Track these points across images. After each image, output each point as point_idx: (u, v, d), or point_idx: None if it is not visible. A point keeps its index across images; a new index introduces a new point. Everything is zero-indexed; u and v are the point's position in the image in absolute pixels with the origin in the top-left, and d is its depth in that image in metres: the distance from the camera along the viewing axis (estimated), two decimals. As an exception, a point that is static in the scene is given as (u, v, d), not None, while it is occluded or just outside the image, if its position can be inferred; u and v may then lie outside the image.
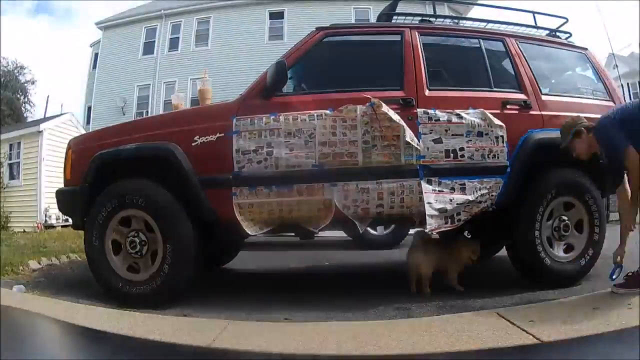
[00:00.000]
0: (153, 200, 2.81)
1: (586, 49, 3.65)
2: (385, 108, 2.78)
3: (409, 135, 2.80)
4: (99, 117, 17.15)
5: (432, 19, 3.50)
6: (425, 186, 2.83)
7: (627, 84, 18.92)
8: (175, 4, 17.94)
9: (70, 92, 42.47)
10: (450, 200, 2.85)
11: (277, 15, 17.33)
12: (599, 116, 3.25)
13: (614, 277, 2.61)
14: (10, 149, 11.56)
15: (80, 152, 3.14)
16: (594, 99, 3.41)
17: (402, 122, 2.81)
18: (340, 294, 3.12)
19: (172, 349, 2.05)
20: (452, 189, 2.87)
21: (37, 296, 3.00)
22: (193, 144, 2.84)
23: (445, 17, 3.84)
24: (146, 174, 2.88)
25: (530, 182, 2.99)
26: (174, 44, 17.88)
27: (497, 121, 2.95)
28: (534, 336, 1.95)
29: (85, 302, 2.84)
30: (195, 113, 3.35)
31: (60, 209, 3.32)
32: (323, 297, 2.94)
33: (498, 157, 2.94)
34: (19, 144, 11.48)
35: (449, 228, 2.91)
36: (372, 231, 5.57)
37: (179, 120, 3.06)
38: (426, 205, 2.80)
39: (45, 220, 10.57)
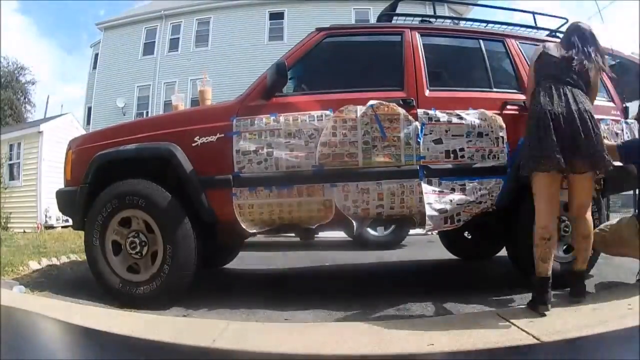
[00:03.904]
0: (153, 200, 2.81)
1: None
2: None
3: None
4: (99, 118, 17.19)
5: (432, 20, 3.50)
6: (425, 187, 2.83)
7: (627, 84, 18.88)
8: (175, 5, 17.96)
9: (71, 92, 42.44)
10: (451, 200, 2.85)
11: (277, 16, 17.36)
12: (599, 116, 3.26)
13: None
14: (11, 150, 11.58)
15: (80, 153, 3.14)
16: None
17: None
18: (340, 294, 3.12)
19: (172, 350, 2.05)
20: (453, 190, 2.87)
21: (37, 296, 3.00)
22: (193, 145, 2.85)
23: (445, 17, 3.84)
24: (146, 175, 2.88)
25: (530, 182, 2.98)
26: (174, 44, 17.91)
27: (497, 122, 2.95)
28: (534, 336, 1.95)
29: (85, 302, 2.84)
30: (196, 113, 3.35)
31: (60, 209, 3.32)
32: (323, 297, 2.94)
33: (498, 158, 2.94)
34: (19, 144, 11.50)
35: (449, 228, 2.91)
36: (372, 231, 5.57)
37: (179, 121, 3.06)
38: (426, 206, 2.80)
39: (46, 221, 10.58)
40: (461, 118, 2.91)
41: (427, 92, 2.98)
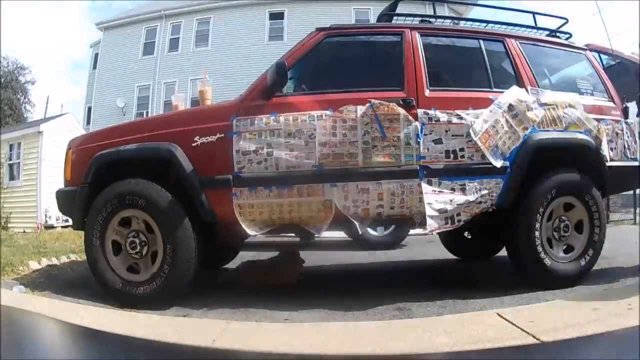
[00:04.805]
0: (153, 200, 2.81)
1: (586, 49, 3.66)
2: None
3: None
4: (99, 118, 17.19)
5: (432, 20, 3.50)
6: (425, 187, 2.83)
7: (627, 84, 18.83)
8: (175, 4, 17.96)
9: (71, 92, 42.45)
10: (451, 200, 2.85)
11: (277, 16, 17.36)
12: (599, 116, 3.27)
13: None
14: (11, 150, 11.59)
15: (80, 153, 3.14)
16: (594, 99, 3.41)
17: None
18: (341, 294, 3.12)
19: (173, 350, 2.04)
20: (453, 190, 2.87)
21: (37, 296, 3.00)
22: (193, 145, 2.85)
23: (445, 17, 3.84)
24: (146, 175, 2.88)
25: (530, 183, 2.99)
26: (174, 44, 17.91)
27: (497, 121, 2.95)
28: (534, 336, 1.95)
29: (85, 302, 2.84)
30: (196, 113, 3.35)
31: (60, 209, 3.32)
32: (323, 297, 2.94)
33: (498, 158, 2.94)
34: (19, 144, 11.51)
35: (449, 229, 2.91)
36: (372, 231, 5.57)
37: (179, 121, 3.06)
38: (426, 206, 2.80)
39: (46, 221, 10.59)
40: (461, 118, 2.91)
41: (427, 92, 2.98)
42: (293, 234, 3.22)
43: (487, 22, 3.51)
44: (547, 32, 3.66)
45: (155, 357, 2.01)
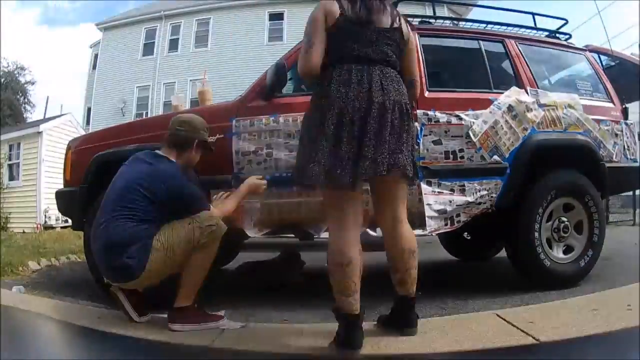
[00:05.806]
0: (153, 200, 2.80)
1: (585, 50, 3.66)
2: None
3: None
4: (99, 118, 17.19)
5: (431, 21, 3.50)
6: (424, 187, 2.83)
7: (627, 85, 18.83)
8: (175, 5, 17.97)
9: (70, 92, 42.49)
10: (450, 201, 2.85)
11: (276, 17, 17.37)
12: (598, 117, 3.27)
13: None
14: (10, 150, 11.60)
15: (79, 153, 3.14)
16: (593, 100, 3.42)
17: None
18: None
19: (172, 349, 2.05)
20: (452, 191, 2.87)
21: (37, 296, 3.00)
22: (193, 145, 2.84)
23: (444, 18, 3.84)
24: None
25: (529, 183, 2.99)
26: (173, 45, 17.92)
27: (496, 122, 2.95)
28: (533, 337, 1.95)
29: (85, 302, 2.84)
30: (195, 114, 3.34)
31: (59, 209, 3.32)
32: (323, 297, 2.93)
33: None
34: (18, 144, 11.51)
35: (448, 230, 2.91)
36: (371, 232, 5.56)
37: (179, 121, 3.06)
38: (426, 207, 2.80)
39: (45, 221, 10.59)
40: (460, 119, 2.91)
41: (426, 93, 2.97)
42: (293, 235, 3.22)
43: (487, 22, 3.51)
44: (547, 33, 3.66)
45: (155, 357, 2.02)
